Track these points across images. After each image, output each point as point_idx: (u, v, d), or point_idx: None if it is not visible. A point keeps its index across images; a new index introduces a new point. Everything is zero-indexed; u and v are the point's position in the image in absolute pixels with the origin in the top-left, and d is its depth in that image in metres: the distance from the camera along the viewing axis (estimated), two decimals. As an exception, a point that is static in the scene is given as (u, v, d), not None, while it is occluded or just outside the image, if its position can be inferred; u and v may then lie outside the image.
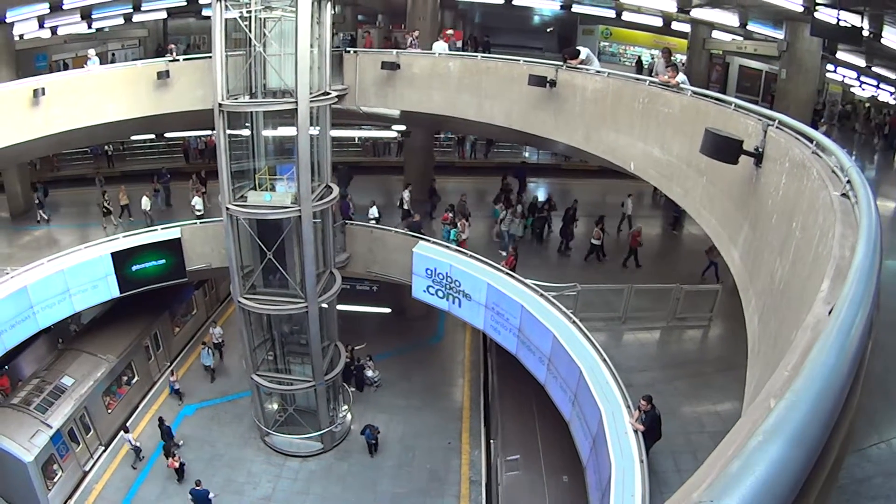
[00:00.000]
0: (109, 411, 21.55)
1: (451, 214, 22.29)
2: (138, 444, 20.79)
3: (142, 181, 26.42)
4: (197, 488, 18.20)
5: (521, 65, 16.31)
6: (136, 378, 23.07)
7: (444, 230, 21.81)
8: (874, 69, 22.63)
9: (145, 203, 23.63)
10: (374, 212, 23.23)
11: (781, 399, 2.33)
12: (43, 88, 16.49)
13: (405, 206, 23.74)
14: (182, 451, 20.86)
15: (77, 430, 19.69)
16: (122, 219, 24.04)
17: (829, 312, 3.20)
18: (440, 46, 18.75)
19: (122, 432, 21.05)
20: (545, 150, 31.75)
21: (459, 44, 20.50)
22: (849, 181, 5.45)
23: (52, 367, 20.60)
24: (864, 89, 27.73)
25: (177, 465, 19.97)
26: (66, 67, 26.22)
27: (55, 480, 18.64)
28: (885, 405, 5.90)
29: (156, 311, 24.53)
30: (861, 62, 22.30)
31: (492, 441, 20.26)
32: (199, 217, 22.74)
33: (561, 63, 15.34)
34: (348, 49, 19.54)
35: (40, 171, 28.36)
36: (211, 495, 18.46)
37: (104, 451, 21.04)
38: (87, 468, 20.16)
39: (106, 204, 23.73)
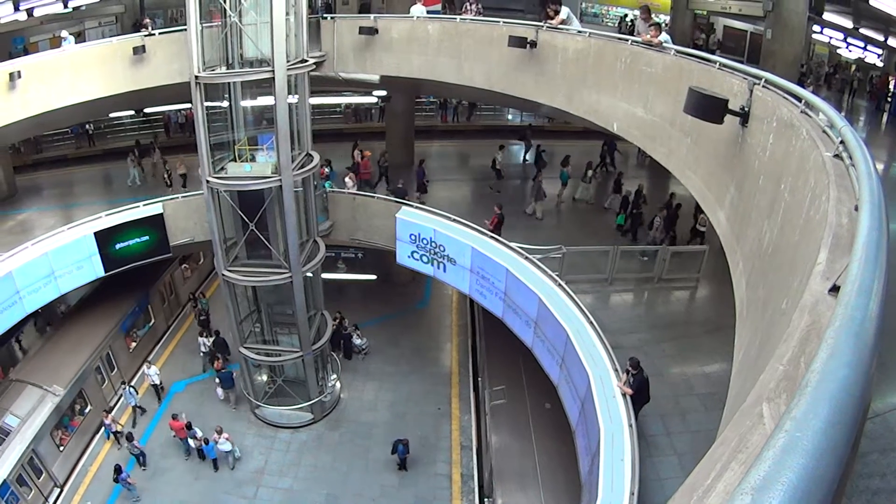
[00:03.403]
0: (62, 448, 19.49)
1: (327, 170, 22.39)
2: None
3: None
4: (222, 371, 21.50)
5: (501, 26, 15.97)
6: (88, 407, 20.93)
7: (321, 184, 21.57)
8: (861, 31, 22.31)
9: None
10: None
11: (780, 430, 1.74)
12: (19, 72, 16.30)
13: (497, 167, 23.95)
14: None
15: (27, 476, 17.88)
16: (182, 188, 23.90)
17: (830, 291, 3.03)
18: (418, 10, 18.38)
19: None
20: (528, 112, 31.49)
21: (438, 7, 20.04)
22: (842, 141, 5.23)
23: None
24: (850, 51, 27.43)
25: (220, 365, 21.86)
26: (26, 52, 25.48)
27: None
28: (879, 378, 5.85)
29: (106, 327, 22.25)
30: (848, 23, 21.96)
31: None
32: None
33: (541, 23, 15.06)
34: (325, 15, 19.13)
35: (24, 155, 27.87)
36: (235, 374, 21.39)
37: (60, 492, 19.08)
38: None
39: (167, 176, 24.60)
